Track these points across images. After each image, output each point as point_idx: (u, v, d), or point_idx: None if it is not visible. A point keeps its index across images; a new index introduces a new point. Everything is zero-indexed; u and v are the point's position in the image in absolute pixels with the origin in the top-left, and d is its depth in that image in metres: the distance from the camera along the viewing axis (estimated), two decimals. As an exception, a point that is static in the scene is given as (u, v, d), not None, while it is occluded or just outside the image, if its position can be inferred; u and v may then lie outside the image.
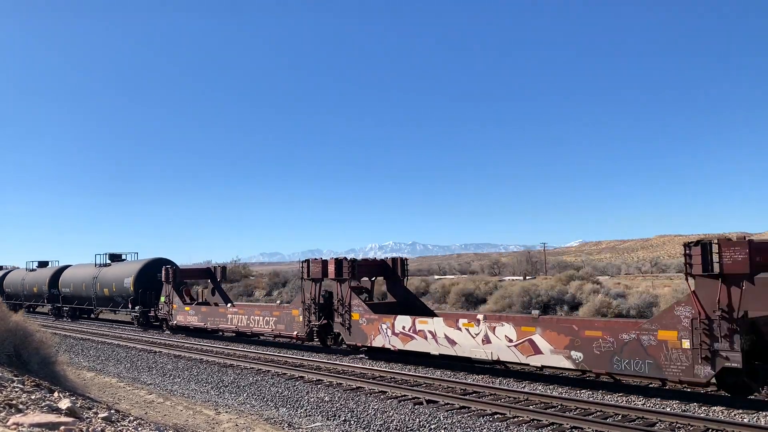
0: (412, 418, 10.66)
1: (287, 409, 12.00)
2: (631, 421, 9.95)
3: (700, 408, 10.69)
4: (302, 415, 11.52)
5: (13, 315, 13.06)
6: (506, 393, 12.18)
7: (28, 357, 11.71)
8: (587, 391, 12.40)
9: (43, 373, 11.42)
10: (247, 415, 11.81)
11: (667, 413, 10.15)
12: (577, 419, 10.02)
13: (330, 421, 10.98)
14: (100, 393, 13.84)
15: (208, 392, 14.00)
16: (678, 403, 11.07)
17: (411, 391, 12.64)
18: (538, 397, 11.71)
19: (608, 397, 11.76)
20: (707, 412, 10.39)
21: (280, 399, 12.72)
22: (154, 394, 14.15)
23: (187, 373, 16.22)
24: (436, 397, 12.03)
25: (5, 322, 12.02)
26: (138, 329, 28.93)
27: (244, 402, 12.82)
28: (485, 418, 10.52)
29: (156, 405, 13.01)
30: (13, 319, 12.55)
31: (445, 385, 13.18)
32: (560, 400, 11.36)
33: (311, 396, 12.71)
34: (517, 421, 10.27)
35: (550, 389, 12.72)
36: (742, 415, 10.11)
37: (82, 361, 19.66)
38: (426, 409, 11.26)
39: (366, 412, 11.24)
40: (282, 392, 13.25)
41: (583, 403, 11.06)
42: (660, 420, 9.91)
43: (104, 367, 18.53)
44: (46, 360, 12.22)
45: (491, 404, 11.24)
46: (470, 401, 11.54)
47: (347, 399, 12.26)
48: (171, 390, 14.56)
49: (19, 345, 11.74)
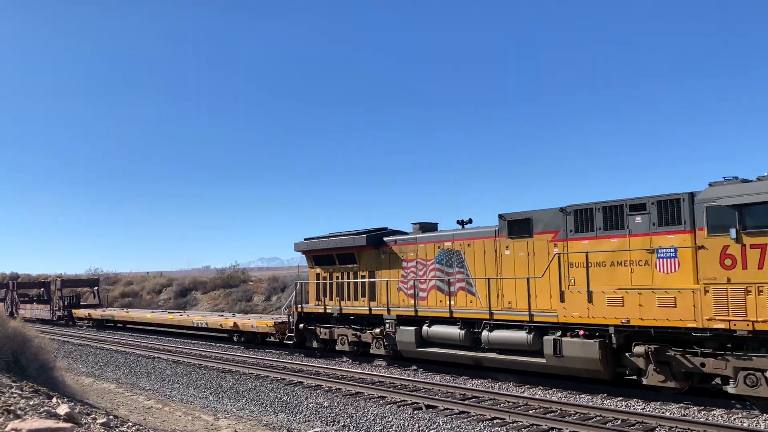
0: (411, 423, 10.65)
1: (286, 414, 11.98)
2: (631, 426, 9.94)
3: (700, 413, 10.68)
4: (301, 420, 11.50)
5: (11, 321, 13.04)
6: (506, 398, 12.16)
7: (27, 363, 11.68)
8: (587, 395, 12.39)
9: (42, 379, 11.38)
10: (246, 420, 11.78)
11: (667, 418, 10.14)
12: (576, 424, 10.00)
13: (329, 426, 10.96)
14: (99, 398, 13.81)
15: (207, 398, 13.97)
16: (678, 408, 11.06)
17: (410, 396, 12.63)
18: (538, 402, 11.69)
19: (608, 402, 11.75)
20: (707, 417, 10.38)
21: (279, 404, 12.70)
22: (152, 400, 14.13)
23: (185, 379, 16.18)
24: (435, 402, 12.01)
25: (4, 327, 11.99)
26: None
27: (243, 407, 12.79)
28: (485, 423, 10.50)
29: (155, 410, 12.98)
30: (12, 324, 12.52)
31: (444, 390, 13.17)
32: (560, 405, 11.34)
33: (310, 401, 12.69)
34: (517, 426, 10.26)
35: (549, 394, 12.71)
36: (741, 420, 10.11)
37: (80, 367, 19.62)
38: (425, 414, 11.24)
39: (365, 417, 11.22)
40: (281, 397, 13.22)
41: (582, 408, 11.05)
42: (660, 425, 9.90)
43: (103, 372, 18.50)
44: (44, 366, 12.19)
45: (490, 409, 11.22)
46: (469, 406, 11.52)
47: (346, 404, 12.24)
48: (170, 395, 14.54)
49: (18, 351, 11.71)
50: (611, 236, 12.68)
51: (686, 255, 11.52)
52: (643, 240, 12.21)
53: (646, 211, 12.25)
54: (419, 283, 16.82)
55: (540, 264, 13.81)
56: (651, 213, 12.13)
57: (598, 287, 12.46)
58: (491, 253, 15.06)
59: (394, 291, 17.49)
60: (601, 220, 12.85)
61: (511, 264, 14.56)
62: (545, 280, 13.53)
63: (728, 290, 10.59)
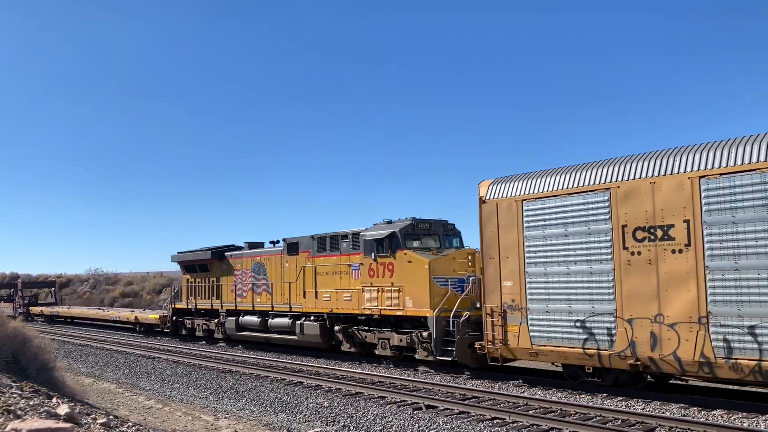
0: (411, 423, 10.65)
1: (286, 414, 11.98)
2: (631, 426, 9.94)
3: (700, 413, 10.68)
4: (301, 420, 11.50)
5: (11, 321, 13.05)
6: (506, 398, 12.17)
7: (27, 363, 11.68)
8: (587, 395, 12.39)
9: (42, 379, 11.39)
10: (246, 420, 11.78)
11: (667, 418, 10.14)
12: (576, 424, 10.00)
13: (329, 426, 10.96)
14: (99, 399, 13.81)
15: (207, 398, 13.97)
16: (678, 408, 11.07)
17: (410, 396, 12.63)
18: (538, 402, 11.70)
19: (608, 402, 11.75)
20: (707, 417, 10.38)
21: (279, 404, 12.70)
22: (152, 400, 14.13)
23: (185, 379, 16.19)
24: (435, 402, 12.01)
25: (3, 327, 12.00)
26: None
27: (243, 407, 12.79)
28: (485, 423, 10.50)
29: (155, 411, 12.98)
30: (12, 324, 12.53)
31: (444, 390, 13.17)
32: (560, 405, 11.34)
33: (310, 401, 12.69)
34: (517, 426, 10.26)
35: (549, 394, 12.71)
36: (741, 420, 10.11)
37: (80, 367, 19.63)
38: (425, 414, 11.24)
39: (365, 417, 11.22)
40: (281, 397, 13.23)
41: (582, 408, 11.05)
42: (660, 425, 9.90)
43: (103, 372, 18.50)
44: (44, 366, 12.19)
45: (490, 409, 11.22)
46: (469, 406, 11.52)
47: (346, 404, 12.24)
48: (170, 395, 14.54)
49: (18, 351, 11.71)
50: (333, 255, 19.22)
51: (363, 268, 17.91)
52: (346, 258, 18.69)
53: (347, 239, 18.68)
54: (241, 286, 23.47)
55: (306, 274, 20.10)
56: (349, 241, 18.60)
57: (322, 289, 19.32)
58: (279, 265, 21.49)
59: (227, 292, 24.10)
60: (328, 244, 19.38)
61: (288, 273, 21.00)
62: (299, 284, 20.25)
63: (371, 290, 17.54)
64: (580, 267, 12.37)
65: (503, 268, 13.60)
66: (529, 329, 13.13)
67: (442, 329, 15.42)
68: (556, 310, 12.72)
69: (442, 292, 15.91)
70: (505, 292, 13.55)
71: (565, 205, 12.69)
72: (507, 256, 13.54)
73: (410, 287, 16.39)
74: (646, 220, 11.47)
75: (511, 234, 13.51)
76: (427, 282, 15.97)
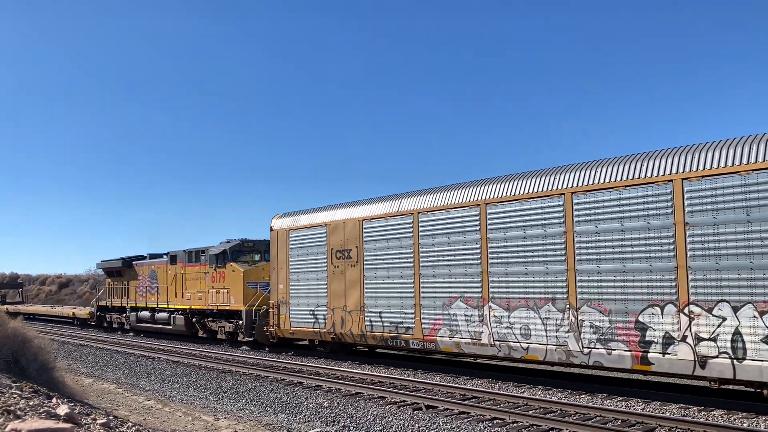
0: (411, 423, 10.64)
1: (286, 414, 11.97)
2: (631, 426, 9.94)
3: (700, 413, 10.69)
4: (301, 420, 11.49)
5: (11, 321, 13.03)
6: (506, 398, 12.17)
7: (27, 363, 11.67)
8: (587, 396, 12.40)
9: (42, 379, 11.38)
10: (246, 420, 11.78)
11: (667, 418, 10.14)
12: (576, 424, 10.00)
13: (329, 426, 10.96)
14: (99, 399, 13.80)
15: (207, 398, 13.97)
16: (677, 408, 11.07)
17: (410, 396, 12.63)
18: (538, 402, 11.70)
19: (608, 402, 11.75)
20: (707, 417, 10.39)
21: (279, 405, 12.69)
22: (152, 400, 14.12)
23: (185, 379, 16.18)
24: (435, 402, 12.01)
25: (3, 328, 11.99)
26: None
27: (242, 408, 12.79)
28: (485, 423, 10.50)
29: (155, 411, 12.97)
30: (11, 325, 12.52)
31: (444, 390, 13.17)
32: (560, 405, 11.35)
33: (310, 402, 12.69)
34: (517, 426, 10.26)
35: (549, 394, 12.71)
36: (741, 420, 10.11)
37: (80, 367, 19.62)
38: (425, 414, 11.24)
39: (365, 417, 11.22)
40: (281, 398, 13.22)
41: (582, 408, 11.05)
42: (660, 425, 9.90)
43: (103, 373, 18.50)
44: (44, 366, 12.18)
45: (491, 409, 11.22)
46: (470, 406, 11.52)
47: (346, 404, 12.24)
48: (170, 396, 14.53)
49: (18, 351, 11.70)
50: (196, 265, 25.40)
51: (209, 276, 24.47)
52: (203, 267, 24.85)
53: (204, 254, 24.89)
54: (142, 289, 29.62)
55: (179, 279, 26.42)
56: (205, 255, 24.78)
57: (187, 291, 25.70)
58: (165, 273, 27.53)
59: (133, 292, 30.39)
60: (194, 257, 25.57)
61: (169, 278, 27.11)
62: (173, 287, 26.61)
63: (213, 292, 24.14)
64: (314, 275, 19.13)
65: (279, 276, 20.48)
66: (289, 317, 19.98)
67: (250, 319, 22.01)
68: (302, 304, 19.56)
69: (253, 293, 22.44)
70: (280, 291, 20.41)
71: (308, 234, 19.47)
72: (281, 267, 20.47)
73: (233, 290, 22.98)
74: (341, 245, 18.19)
75: (282, 253, 20.42)
76: (241, 285, 22.60)
